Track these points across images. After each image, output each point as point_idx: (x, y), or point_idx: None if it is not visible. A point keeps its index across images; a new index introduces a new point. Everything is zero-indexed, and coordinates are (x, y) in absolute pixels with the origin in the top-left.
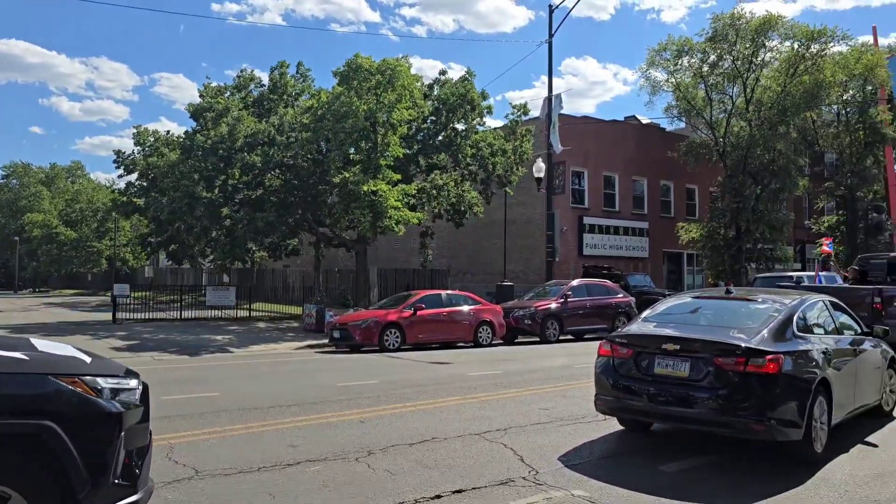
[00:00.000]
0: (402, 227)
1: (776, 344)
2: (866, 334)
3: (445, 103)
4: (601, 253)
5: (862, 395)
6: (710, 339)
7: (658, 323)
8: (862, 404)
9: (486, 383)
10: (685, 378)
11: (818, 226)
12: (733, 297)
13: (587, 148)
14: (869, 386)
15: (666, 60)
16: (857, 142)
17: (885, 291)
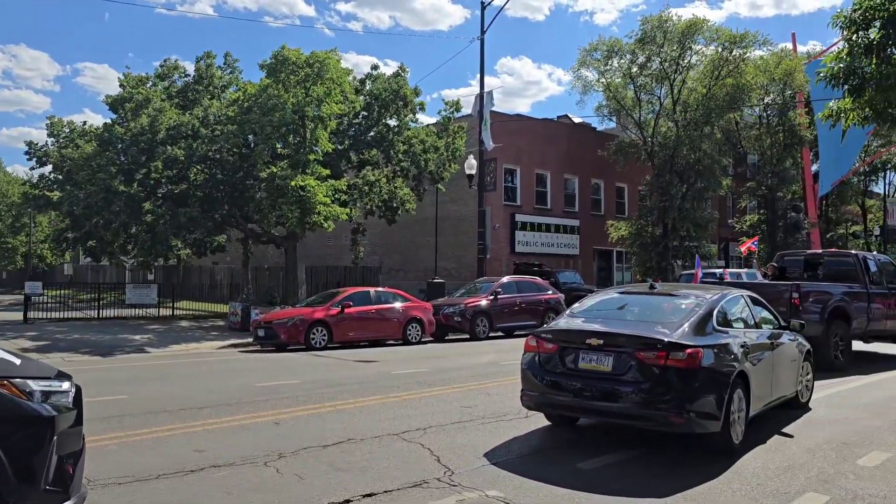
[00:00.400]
0: (331, 223)
1: (696, 338)
2: (784, 328)
3: (378, 98)
4: (533, 250)
5: (779, 387)
6: (632, 333)
7: (584, 318)
8: (779, 396)
9: (409, 382)
10: (609, 372)
11: (740, 224)
12: (657, 293)
13: (520, 146)
14: (786, 378)
15: (596, 61)
16: (778, 144)
17: (802, 287)
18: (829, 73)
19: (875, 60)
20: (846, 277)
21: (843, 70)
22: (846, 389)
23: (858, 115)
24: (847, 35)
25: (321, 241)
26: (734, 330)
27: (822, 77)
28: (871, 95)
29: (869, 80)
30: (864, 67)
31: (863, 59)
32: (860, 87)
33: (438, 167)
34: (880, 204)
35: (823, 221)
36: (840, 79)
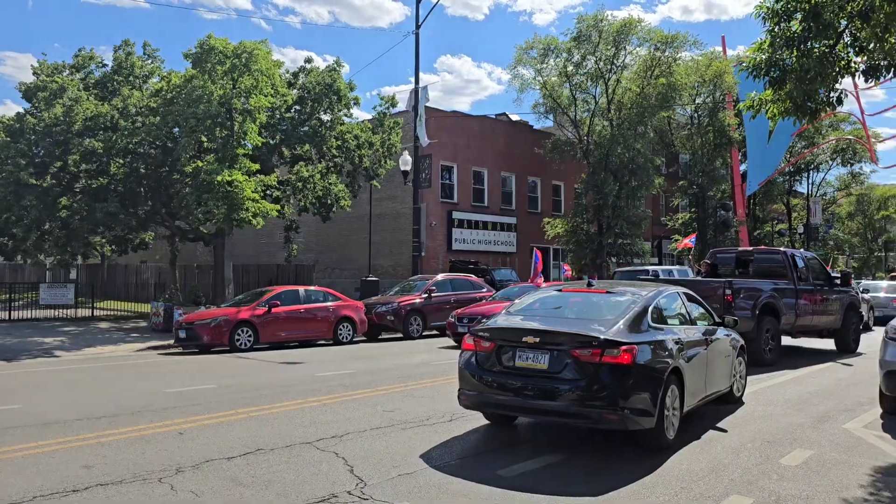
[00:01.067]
0: (260, 220)
1: (631, 335)
2: (718, 324)
3: (311, 92)
4: (470, 248)
5: (714, 382)
6: (568, 331)
7: (521, 316)
8: (714, 391)
9: (333, 384)
10: (545, 370)
11: (673, 222)
12: (594, 290)
13: (457, 143)
14: (721, 373)
15: (533, 59)
16: (708, 144)
17: (735, 284)
18: (751, 63)
19: (796, 53)
20: (775, 274)
21: (764, 61)
22: (774, 384)
23: (778, 108)
24: (770, 26)
25: (255, 239)
26: (669, 327)
27: (744, 67)
28: (791, 88)
29: (789, 72)
30: (786, 59)
31: (784, 51)
32: (781, 80)
33: (373, 163)
34: (804, 203)
35: (751, 219)
36: (761, 70)
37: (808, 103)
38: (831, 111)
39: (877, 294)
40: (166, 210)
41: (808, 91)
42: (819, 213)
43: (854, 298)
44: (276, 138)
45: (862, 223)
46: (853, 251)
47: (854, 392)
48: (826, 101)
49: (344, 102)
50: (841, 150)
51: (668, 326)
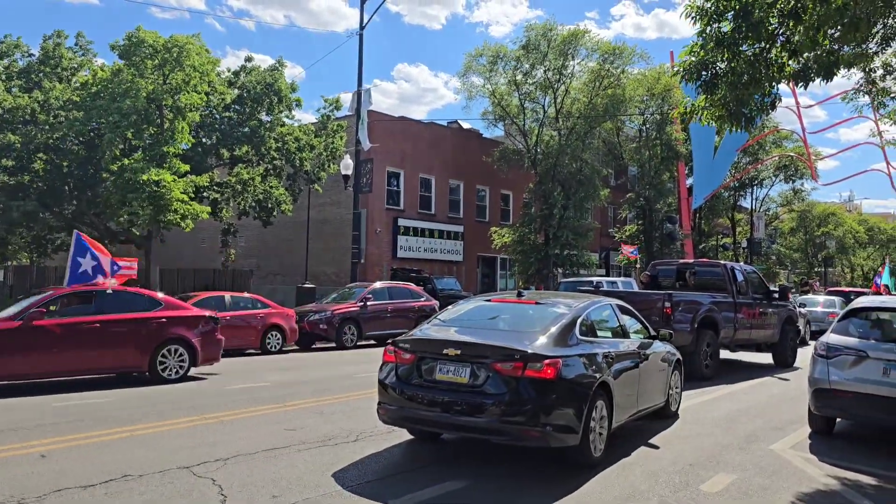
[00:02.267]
0: (189, 222)
1: (556, 348)
2: (653, 338)
3: (250, 92)
4: (416, 255)
5: (647, 396)
6: (490, 343)
7: (446, 326)
8: (648, 406)
9: (241, 399)
10: (466, 384)
11: (620, 234)
12: (524, 301)
13: (404, 149)
14: (655, 388)
15: (482, 66)
16: (656, 157)
17: (674, 297)
18: (682, 66)
19: (727, 55)
20: (715, 287)
21: (694, 64)
22: (707, 400)
23: (712, 114)
24: (700, 27)
25: (195, 243)
26: (600, 339)
27: (676, 72)
28: (723, 93)
29: (721, 76)
30: (717, 62)
31: (715, 54)
32: (713, 84)
33: (315, 167)
34: (748, 218)
35: (696, 233)
36: (692, 73)
37: (741, 109)
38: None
39: (814, 308)
40: (93, 211)
41: (741, 96)
42: (762, 228)
43: (792, 312)
44: (213, 138)
45: (803, 239)
46: (795, 266)
47: (785, 409)
48: (760, 106)
49: (286, 103)
50: (783, 166)
51: (598, 339)
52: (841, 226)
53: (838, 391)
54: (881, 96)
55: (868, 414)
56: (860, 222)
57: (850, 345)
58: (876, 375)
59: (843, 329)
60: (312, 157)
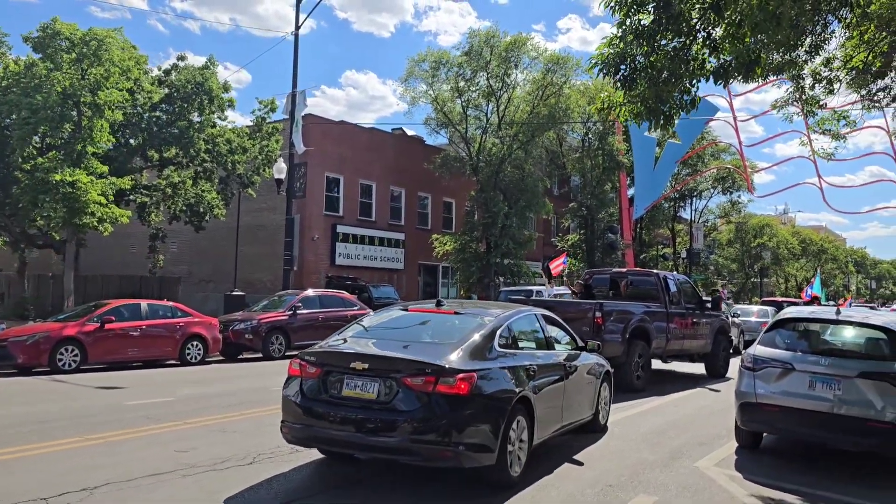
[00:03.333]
0: (108, 226)
1: (472, 361)
2: (581, 349)
3: (179, 91)
4: (355, 263)
5: (573, 410)
6: (400, 356)
7: (357, 338)
8: (574, 420)
9: (138, 415)
10: (374, 401)
11: (563, 243)
12: (443, 310)
13: (343, 154)
14: (582, 401)
15: (425, 72)
16: (598, 167)
17: (605, 306)
18: (600, 59)
19: (646, 48)
20: (648, 297)
21: (612, 56)
22: (637, 413)
23: (631, 111)
24: (619, 18)
25: (124, 248)
26: (522, 351)
27: (593, 65)
28: (642, 89)
29: (640, 71)
30: (636, 56)
31: (635, 47)
32: (632, 79)
33: (248, 170)
34: (688, 228)
35: (638, 243)
36: (610, 67)
37: (661, 106)
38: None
39: (747, 318)
40: (8, 213)
41: (661, 93)
42: (701, 239)
43: (724, 323)
44: (139, 139)
45: (740, 250)
46: (732, 276)
47: (713, 422)
48: (680, 104)
49: (217, 104)
50: (721, 178)
51: (520, 351)
52: (775, 237)
53: (764, 405)
54: (810, 105)
55: (794, 428)
56: (793, 234)
57: (777, 357)
58: (802, 389)
59: (770, 341)
60: (245, 160)
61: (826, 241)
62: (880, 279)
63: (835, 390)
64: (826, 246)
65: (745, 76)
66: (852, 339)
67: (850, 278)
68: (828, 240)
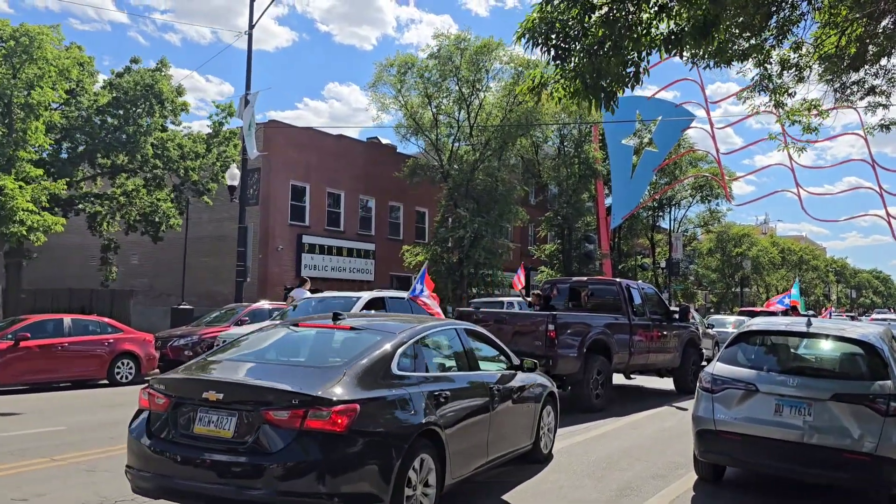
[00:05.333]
0: (40, 235)
1: (359, 389)
2: (516, 368)
3: (128, 94)
4: (323, 275)
5: (505, 441)
6: (261, 384)
7: (225, 360)
8: (506, 452)
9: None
10: (230, 440)
11: (540, 253)
12: (338, 326)
13: (310, 162)
14: (517, 429)
15: (392, 77)
16: (574, 175)
17: (559, 318)
18: (527, 28)
19: (577, 11)
20: (610, 307)
21: (540, 24)
22: (590, 438)
23: (566, 88)
24: None
25: (83, 260)
26: (433, 374)
27: (519, 36)
28: (578, 61)
29: (574, 40)
30: (569, 22)
31: (567, 11)
32: (566, 51)
33: (207, 178)
34: (668, 238)
35: (616, 253)
36: (539, 36)
37: (601, 82)
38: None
39: (723, 329)
40: None
41: (600, 66)
42: (680, 249)
43: (694, 334)
44: (82, 142)
45: (721, 259)
46: (713, 286)
47: (674, 448)
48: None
49: (170, 108)
50: (699, 186)
51: (431, 374)
52: (755, 246)
53: (724, 433)
54: (779, 94)
55: (758, 461)
56: (773, 244)
57: (739, 376)
58: (767, 414)
59: (732, 357)
60: (199, 166)
61: (805, 250)
62: (860, 288)
63: (805, 415)
64: (805, 256)
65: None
66: (826, 354)
67: (830, 288)
68: (807, 249)
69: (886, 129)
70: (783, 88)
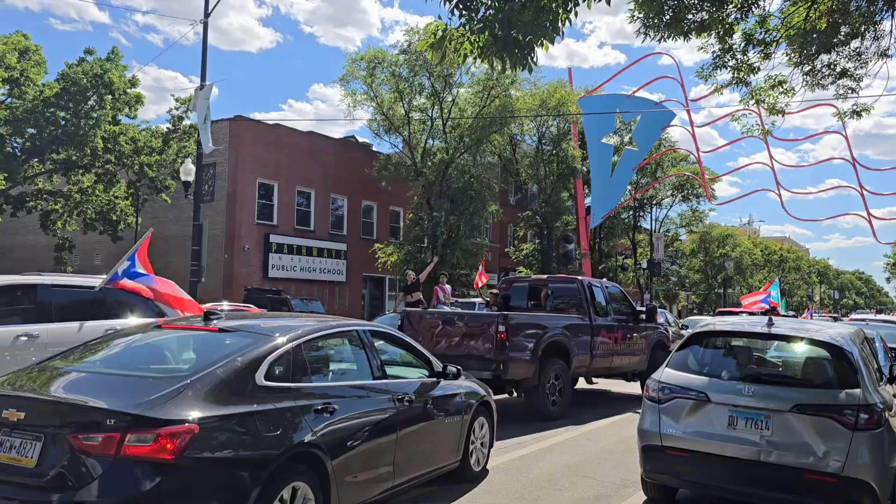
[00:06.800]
0: None
1: (202, 405)
2: (439, 375)
3: (77, 84)
4: (291, 275)
5: (420, 459)
6: (69, 400)
7: (51, 369)
8: (423, 471)
9: None
10: (32, 470)
11: (518, 254)
12: (206, 328)
13: (279, 160)
14: (438, 445)
15: (362, 72)
16: (553, 173)
17: (512, 318)
18: None
19: None
20: (571, 307)
21: None
22: (535, 451)
23: (474, 44)
24: None
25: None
26: (316, 385)
27: None
28: (489, 14)
29: None
30: None
31: None
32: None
33: (165, 175)
34: (649, 238)
35: (597, 253)
36: None
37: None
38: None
39: None
40: None
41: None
42: (661, 249)
43: (663, 336)
44: (26, 137)
45: (704, 260)
46: (696, 287)
47: (629, 462)
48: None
49: (122, 100)
50: (680, 185)
51: (312, 385)
52: (738, 246)
53: (671, 449)
54: (742, 72)
55: (709, 482)
56: (756, 244)
57: (688, 384)
58: (719, 427)
59: (682, 362)
60: (155, 162)
61: (788, 251)
62: (843, 289)
63: (762, 429)
64: (787, 256)
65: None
66: (788, 359)
67: (813, 289)
68: (790, 250)
69: (857, 116)
70: (747, 65)
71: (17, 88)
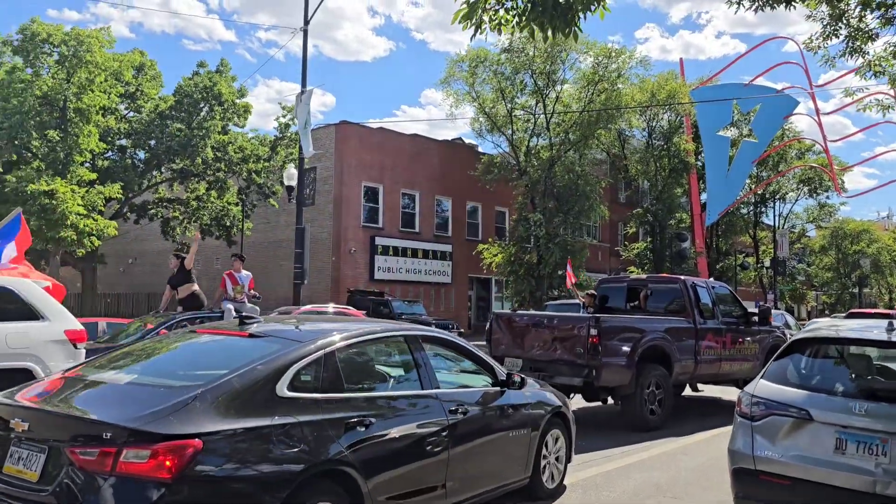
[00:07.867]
0: (94, 240)
1: (211, 418)
2: (503, 384)
3: (189, 97)
4: (397, 277)
5: (478, 475)
6: (68, 412)
7: (75, 376)
8: (483, 490)
9: None
10: (34, 485)
11: (628, 252)
12: (237, 332)
13: (384, 162)
14: (501, 460)
15: (464, 73)
16: (664, 169)
17: (605, 321)
18: None
19: None
20: (674, 309)
21: None
22: (622, 466)
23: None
24: None
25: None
26: (349, 395)
27: None
28: None
29: None
30: None
31: None
32: None
33: (270, 181)
34: (772, 235)
35: (714, 252)
36: None
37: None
38: None
39: None
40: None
41: None
42: (786, 247)
43: (779, 339)
44: (146, 147)
45: (836, 258)
46: (829, 286)
47: (725, 484)
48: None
49: (231, 110)
50: (807, 178)
51: (344, 395)
52: (875, 242)
53: (766, 474)
54: (859, 40)
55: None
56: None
57: (787, 399)
58: (824, 451)
59: (780, 374)
60: (262, 168)
61: None
62: None
63: (877, 455)
64: None
65: None
66: None
67: None
68: None
69: None
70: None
71: (134, 103)
